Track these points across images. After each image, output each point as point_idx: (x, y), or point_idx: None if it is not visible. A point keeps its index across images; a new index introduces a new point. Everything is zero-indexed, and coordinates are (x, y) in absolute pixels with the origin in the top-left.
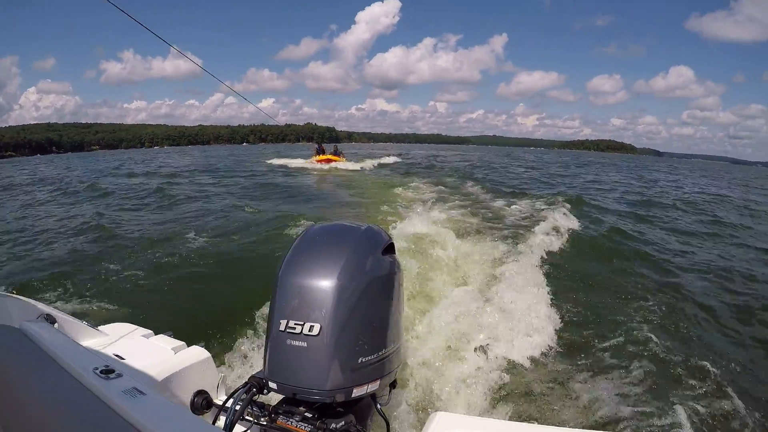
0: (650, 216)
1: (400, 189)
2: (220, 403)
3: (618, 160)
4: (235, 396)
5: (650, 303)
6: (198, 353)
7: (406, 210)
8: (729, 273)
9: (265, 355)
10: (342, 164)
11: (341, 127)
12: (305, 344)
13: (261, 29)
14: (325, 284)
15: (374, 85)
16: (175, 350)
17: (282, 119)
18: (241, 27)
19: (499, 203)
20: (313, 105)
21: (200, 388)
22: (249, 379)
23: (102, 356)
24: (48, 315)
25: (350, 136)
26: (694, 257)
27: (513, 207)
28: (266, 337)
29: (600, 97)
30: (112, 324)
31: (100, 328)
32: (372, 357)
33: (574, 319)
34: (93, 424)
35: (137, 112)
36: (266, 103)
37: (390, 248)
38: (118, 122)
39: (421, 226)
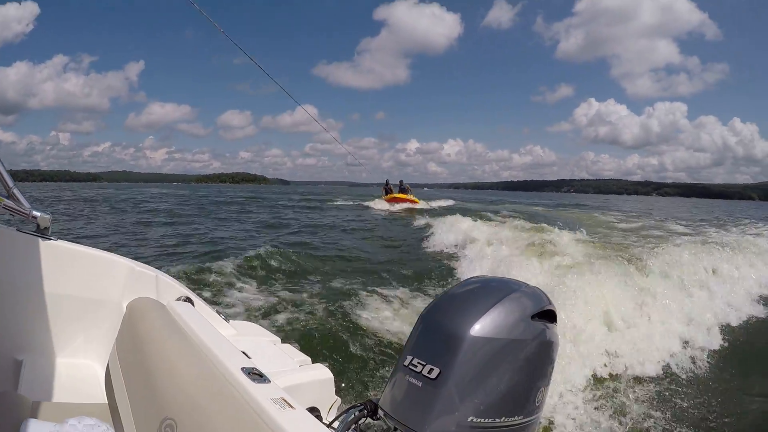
0: None
1: None
2: (328, 423)
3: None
4: (347, 412)
5: None
6: (321, 372)
7: None
8: None
9: (387, 382)
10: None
11: None
12: (419, 384)
13: None
14: (458, 331)
15: None
16: (300, 363)
17: None
18: None
19: None
20: None
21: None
22: (365, 401)
23: (238, 351)
24: (188, 297)
25: None
26: None
27: None
28: (395, 366)
29: (229, 132)
30: (241, 321)
31: (231, 322)
32: (486, 421)
33: None
34: (239, 425)
35: None
36: None
37: (545, 314)
38: None
39: None
